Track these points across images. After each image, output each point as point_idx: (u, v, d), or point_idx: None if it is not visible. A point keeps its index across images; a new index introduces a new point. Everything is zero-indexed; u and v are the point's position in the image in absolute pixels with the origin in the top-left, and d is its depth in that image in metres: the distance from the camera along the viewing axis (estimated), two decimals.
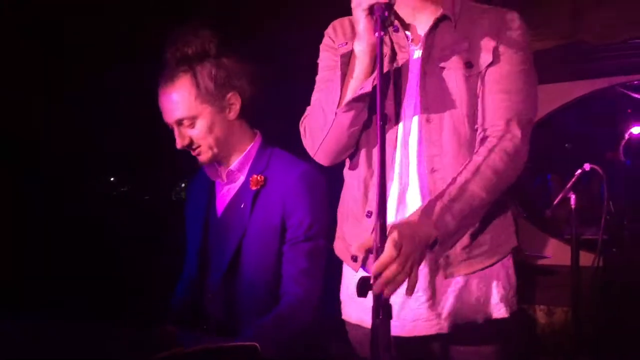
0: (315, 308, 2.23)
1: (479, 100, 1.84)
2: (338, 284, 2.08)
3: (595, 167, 3.57)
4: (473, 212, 1.73)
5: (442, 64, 1.86)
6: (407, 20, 1.93)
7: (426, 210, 1.68)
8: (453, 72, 1.85)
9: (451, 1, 1.91)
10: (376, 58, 1.65)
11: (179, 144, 2.32)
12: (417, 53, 1.89)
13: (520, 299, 1.94)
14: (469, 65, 1.84)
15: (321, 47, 2.03)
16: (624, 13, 3.78)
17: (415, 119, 1.87)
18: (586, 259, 3.79)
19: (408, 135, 1.88)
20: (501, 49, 1.85)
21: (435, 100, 1.85)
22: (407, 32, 1.91)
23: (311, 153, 1.97)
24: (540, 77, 1.91)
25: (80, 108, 4.03)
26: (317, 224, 2.26)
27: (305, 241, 2.25)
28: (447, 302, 1.87)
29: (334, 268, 2.11)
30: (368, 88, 1.76)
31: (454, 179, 1.75)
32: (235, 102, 2.33)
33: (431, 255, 1.77)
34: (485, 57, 1.85)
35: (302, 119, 1.98)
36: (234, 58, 2.34)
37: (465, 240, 1.84)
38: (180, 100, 2.28)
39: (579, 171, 3.57)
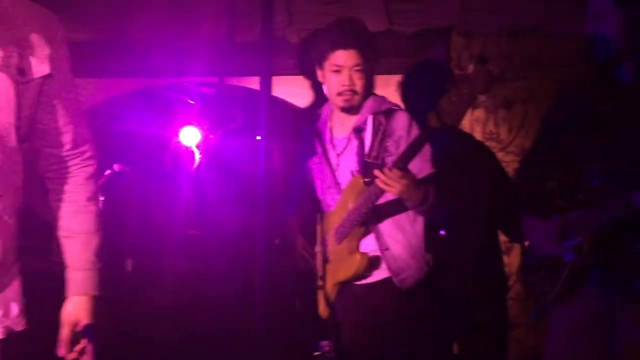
0: None
1: (46, 121, 1.83)
2: None
3: (126, 168, 3.55)
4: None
5: None
6: None
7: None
8: (4, 77, 1.71)
9: None
10: None
11: None
12: None
13: None
14: (21, 72, 1.74)
15: None
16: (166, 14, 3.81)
17: None
18: None
19: None
20: (57, 64, 1.80)
21: None
22: None
23: None
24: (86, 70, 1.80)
25: None
26: None
27: None
28: None
29: None
30: None
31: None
32: None
33: None
34: (41, 67, 1.77)
35: None
36: None
37: None
38: None
39: (108, 172, 3.50)
